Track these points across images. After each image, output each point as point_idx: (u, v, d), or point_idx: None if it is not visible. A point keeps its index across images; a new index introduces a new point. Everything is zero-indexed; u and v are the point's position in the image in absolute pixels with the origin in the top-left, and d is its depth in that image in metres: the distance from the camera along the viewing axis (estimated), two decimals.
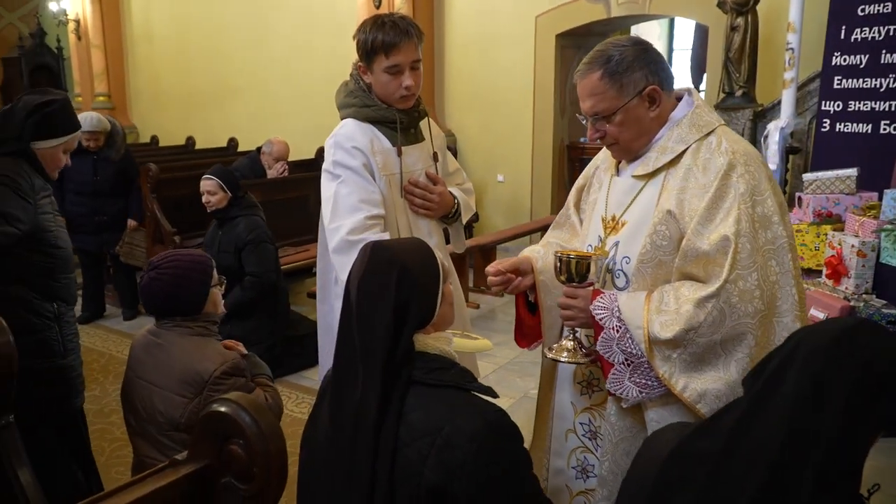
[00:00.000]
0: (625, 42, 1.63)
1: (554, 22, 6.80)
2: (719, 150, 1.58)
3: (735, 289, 1.49)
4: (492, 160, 7.43)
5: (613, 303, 1.59)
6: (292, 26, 8.54)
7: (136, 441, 2.15)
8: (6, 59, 13.30)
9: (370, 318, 1.30)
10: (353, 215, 2.10)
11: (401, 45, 2.09)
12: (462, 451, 1.22)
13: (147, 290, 2.06)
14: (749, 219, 1.51)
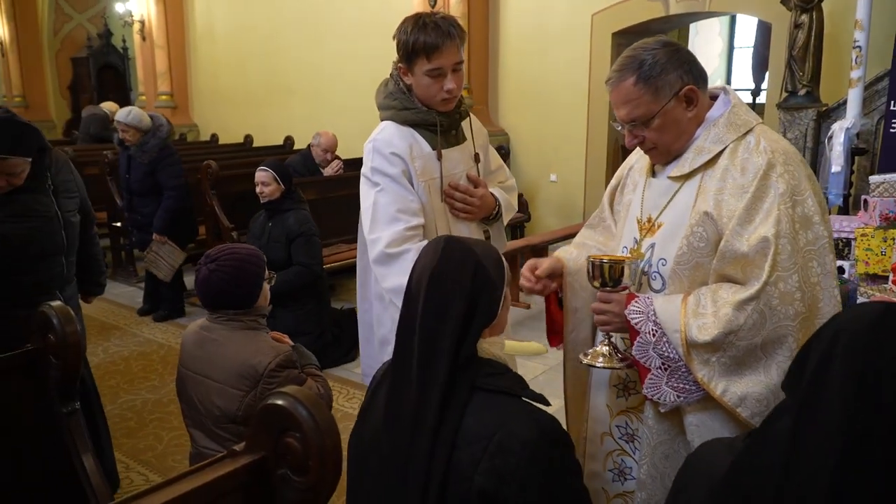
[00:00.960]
0: (654, 45, 1.59)
1: (610, 20, 6.71)
2: (758, 150, 1.55)
3: (776, 291, 1.47)
4: (545, 160, 7.38)
5: (649, 307, 1.57)
6: (347, 26, 8.65)
7: (193, 432, 2.21)
8: (75, 58, 13.86)
9: (440, 311, 1.30)
10: (391, 226, 2.07)
11: (443, 48, 2.02)
12: (514, 458, 1.22)
13: (205, 282, 2.11)
14: (789, 219, 1.49)
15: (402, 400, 1.31)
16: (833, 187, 4.62)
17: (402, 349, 1.35)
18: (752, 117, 1.61)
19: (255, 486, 1.18)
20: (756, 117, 1.63)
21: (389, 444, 1.31)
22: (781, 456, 0.99)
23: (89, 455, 1.75)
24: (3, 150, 2.32)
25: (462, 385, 1.28)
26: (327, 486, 1.11)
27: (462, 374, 1.29)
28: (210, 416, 2.11)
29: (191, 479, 1.18)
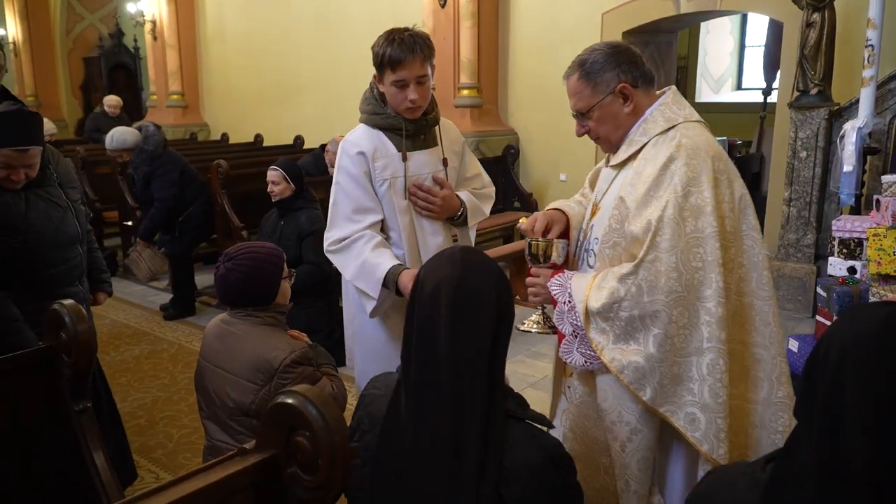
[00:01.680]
0: (599, 46, 1.77)
1: (621, 19, 6.69)
2: (669, 143, 1.69)
3: (653, 268, 1.62)
4: (555, 159, 7.37)
5: (567, 281, 1.76)
6: (357, 26, 8.67)
7: (207, 424, 2.24)
8: (87, 58, 13.96)
9: (472, 325, 1.25)
10: (346, 226, 2.30)
11: (405, 62, 2.20)
12: (521, 486, 1.21)
13: (223, 280, 2.13)
14: (677, 207, 1.62)
15: (433, 426, 1.24)
16: (845, 187, 4.59)
17: (424, 366, 1.27)
18: (681, 115, 1.75)
19: (266, 484, 1.19)
20: (688, 115, 1.76)
21: (422, 477, 1.25)
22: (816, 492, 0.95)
23: (100, 452, 1.77)
24: (25, 140, 2.28)
25: (500, 410, 1.24)
26: (337, 485, 1.11)
27: (498, 397, 1.24)
28: (224, 409, 2.14)
29: (201, 477, 1.19)
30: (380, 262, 2.21)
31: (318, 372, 2.21)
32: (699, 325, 1.62)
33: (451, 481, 1.22)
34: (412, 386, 1.29)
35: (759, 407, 1.71)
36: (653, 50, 7.14)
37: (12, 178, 2.31)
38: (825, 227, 5.02)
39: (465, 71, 7.27)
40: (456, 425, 1.22)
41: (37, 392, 1.80)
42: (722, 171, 1.69)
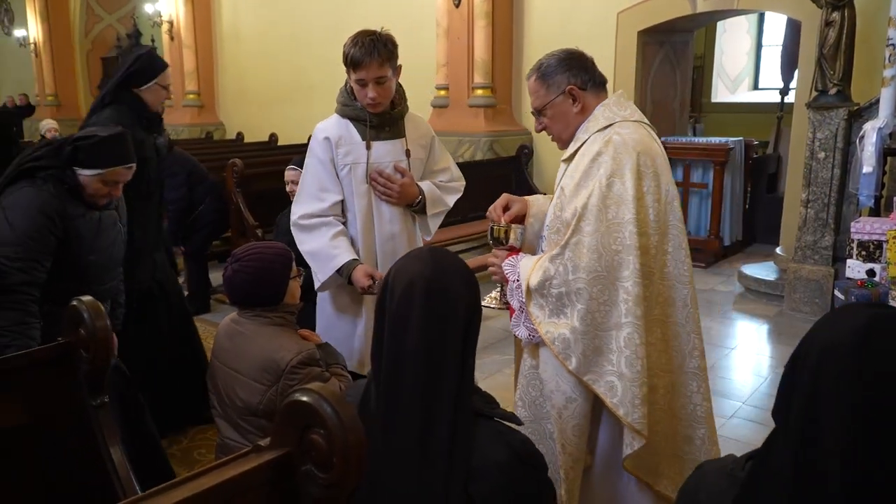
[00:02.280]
0: (555, 52, 2.00)
1: (636, 18, 6.66)
2: (601, 140, 1.88)
3: (576, 250, 1.82)
4: None
5: (518, 262, 1.96)
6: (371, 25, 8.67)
7: (219, 423, 2.25)
8: (105, 58, 14.10)
9: (441, 324, 1.25)
10: (311, 203, 2.54)
11: (364, 64, 2.41)
12: (489, 483, 1.20)
13: (230, 281, 2.14)
14: (601, 196, 1.81)
15: (402, 423, 1.26)
16: (864, 188, 4.54)
17: (394, 363, 1.28)
18: (620, 114, 1.93)
19: (280, 481, 1.19)
20: (626, 115, 1.93)
21: (392, 476, 1.26)
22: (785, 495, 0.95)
23: (117, 447, 1.78)
24: (132, 157, 2.41)
25: (468, 408, 1.24)
26: (351, 483, 1.11)
27: (465, 395, 1.24)
28: (234, 408, 2.15)
29: (216, 474, 1.19)
30: (337, 254, 2.45)
31: (327, 372, 2.21)
32: (618, 303, 1.80)
33: (420, 479, 1.23)
34: (382, 383, 1.29)
35: (671, 376, 1.94)
36: (668, 49, 7.09)
37: (113, 193, 2.42)
38: (843, 229, 4.96)
39: (479, 71, 7.26)
40: (424, 422, 1.23)
41: (55, 387, 1.82)
42: (647, 166, 1.85)
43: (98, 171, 2.33)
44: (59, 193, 2.30)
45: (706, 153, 6.73)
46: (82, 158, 2.31)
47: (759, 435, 3.34)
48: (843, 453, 0.89)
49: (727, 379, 4.10)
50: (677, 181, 6.95)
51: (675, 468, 1.96)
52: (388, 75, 2.47)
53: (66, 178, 2.32)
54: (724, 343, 4.69)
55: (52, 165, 2.31)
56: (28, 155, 2.36)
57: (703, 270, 6.51)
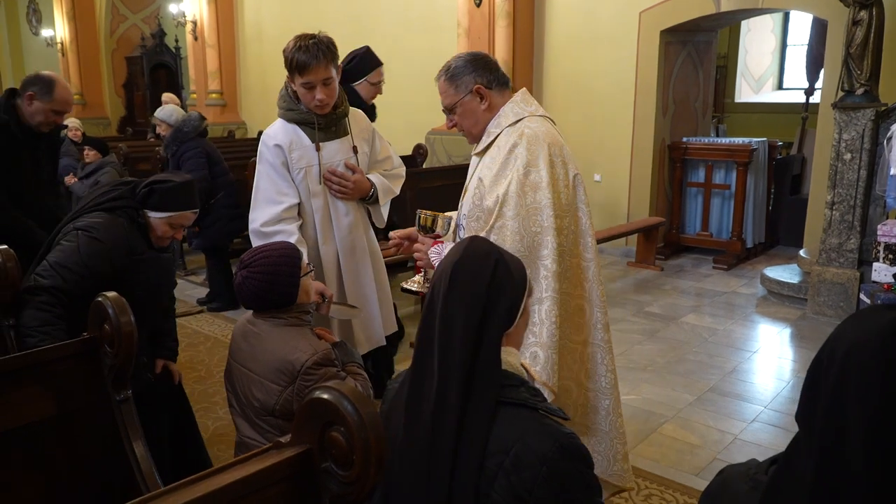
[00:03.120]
0: (461, 55, 2.16)
1: (659, 17, 6.61)
2: (515, 133, 2.05)
3: (500, 233, 1.98)
4: (589, 160, 7.31)
5: (444, 248, 2.06)
6: (392, 25, 8.71)
7: (237, 421, 2.26)
8: (129, 57, 14.27)
9: (459, 304, 1.28)
10: (268, 208, 2.61)
11: (311, 67, 2.48)
12: (532, 474, 1.19)
13: (241, 289, 2.14)
14: (519, 183, 1.98)
15: (421, 398, 1.28)
16: (891, 190, 4.47)
17: (423, 340, 1.32)
18: (527, 110, 2.12)
19: (300, 478, 1.20)
20: (533, 111, 2.12)
21: (409, 460, 1.28)
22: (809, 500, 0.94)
23: (139, 442, 1.81)
24: (196, 203, 2.50)
25: (486, 398, 1.25)
26: (371, 481, 1.12)
27: (485, 383, 1.25)
28: (251, 408, 2.16)
29: (237, 469, 1.21)
30: None
31: (343, 371, 2.21)
32: (539, 279, 1.98)
33: (427, 470, 1.24)
34: (413, 359, 1.34)
35: (580, 347, 2.14)
36: (691, 49, 7.03)
37: (175, 236, 2.51)
38: (870, 232, 4.89)
39: None
40: (437, 408, 1.25)
41: (80, 381, 1.85)
42: (557, 155, 2.05)
43: (168, 214, 2.42)
44: (130, 229, 2.39)
45: (729, 154, 6.66)
46: (155, 201, 2.41)
47: (781, 439, 3.30)
48: (868, 457, 0.87)
49: (748, 383, 4.06)
50: (699, 182, 6.91)
51: (583, 438, 2.14)
52: (333, 76, 2.55)
53: (138, 217, 2.41)
54: (745, 346, 4.65)
55: (127, 205, 2.40)
56: (104, 193, 2.44)
57: (724, 273, 6.44)
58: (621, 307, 5.42)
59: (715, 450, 3.27)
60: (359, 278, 2.81)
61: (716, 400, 3.81)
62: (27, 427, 1.77)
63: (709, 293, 5.85)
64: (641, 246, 6.67)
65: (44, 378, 1.80)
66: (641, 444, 3.31)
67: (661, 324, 5.06)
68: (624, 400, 3.80)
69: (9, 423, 1.74)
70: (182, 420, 2.82)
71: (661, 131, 6.90)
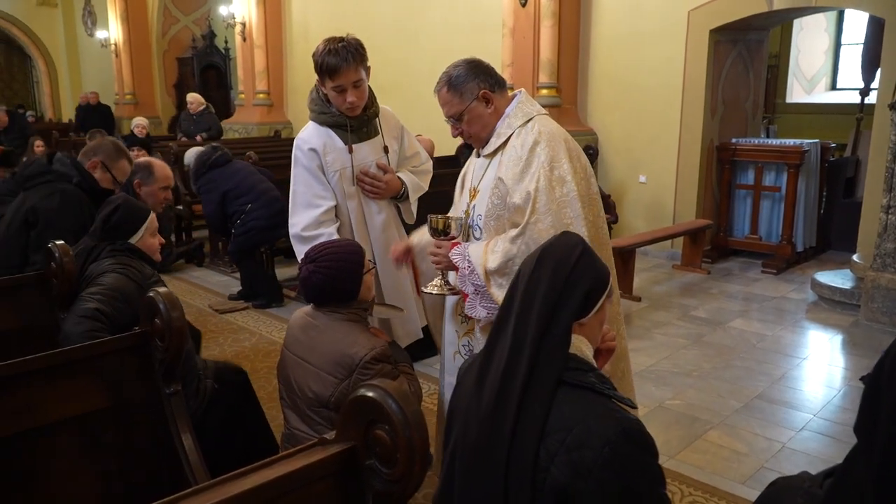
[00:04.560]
0: (459, 63, 2.21)
1: (709, 16, 6.48)
2: (532, 132, 2.13)
3: (535, 228, 2.04)
4: (634, 160, 7.22)
5: (465, 249, 2.15)
6: (438, 25, 8.73)
7: (287, 413, 2.30)
8: (180, 58, 14.61)
9: (541, 281, 1.34)
10: (307, 212, 2.66)
11: (341, 70, 2.52)
12: (593, 453, 1.19)
13: (306, 282, 2.19)
14: (547, 179, 2.06)
15: (489, 379, 1.34)
16: None
17: (498, 324, 1.38)
18: (534, 110, 2.21)
19: (345, 474, 1.22)
20: (538, 110, 2.21)
21: (474, 427, 1.33)
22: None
23: (188, 434, 1.85)
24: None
25: (548, 376, 1.28)
26: (414, 479, 1.13)
27: (550, 360, 1.29)
28: (304, 399, 2.20)
29: (283, 464, 1.23)
30: None
31: (396, 369, 2.24)
32: None
33: (490, 441, 1.28)
34: (489, 334, 1.41)
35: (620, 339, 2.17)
36: (741, 48, 6.88)
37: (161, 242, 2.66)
38: None
39: (545, 70, 7.21)
40: (503, 382, 1.30)
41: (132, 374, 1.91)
42: (573, 150, 2.15)
43: (143, 229, 2.53)
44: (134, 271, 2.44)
45: (779, 155, 6.50)
46: (125, 229, 2.51)
47: (831, 449, 3.21)
48: None
49: (797, 390, 3.95)
50: (748, 184, 6.75)
51: None
52: (363, 77, 2.61)
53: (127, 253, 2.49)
54: (795, 353, 4.52)
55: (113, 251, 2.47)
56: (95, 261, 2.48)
57: (773, 277, 6.29)
58: (666, 310, 5.33)
59: (762, 458, 3.19)
60: (395, 275, 2.84)
61: (763, 407, 3.72)
62: (82, 417, 1.83)
63: (757, 298, 5.71)
64: (687, 248, 6.55)
65: (97, 370, 1.86)
66: (686, 449, 3.25)
67: (707, 328, 4.96)
68: (668, 404, 3.74)
69: (65, 412, 1.80)
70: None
71: (709, 132, 6.76)
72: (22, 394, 1.74)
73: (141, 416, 1.91)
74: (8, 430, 1.71)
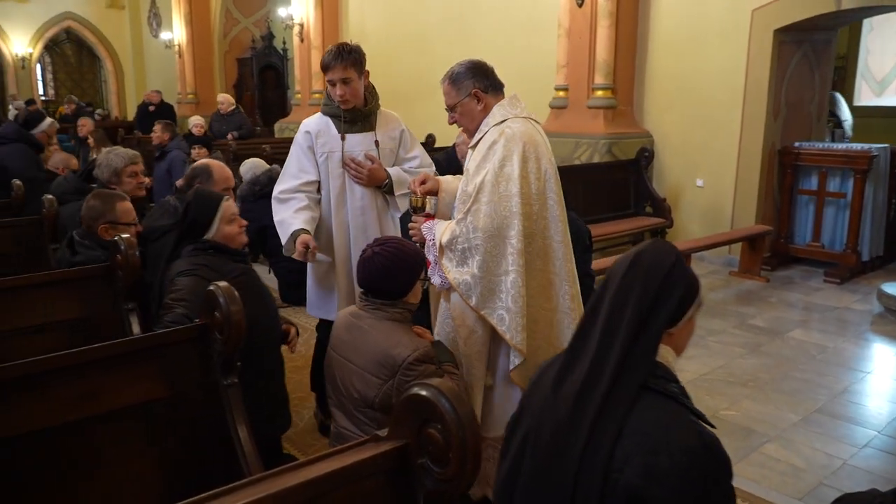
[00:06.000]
0: (463, 62, 2.55)
1: (773, 16, 6.29)
2: (497, 132, 2.41)
3: (476, 215, 2.35)
4: (691, 163, 7.06)
5: (434, 226, 2.48)
6: (493, 25, 8.72)
7: (334, 412, 2.33)
8: (240, 59, 14.97)
9: (635, 285, 1.32)
10: (290, 181, 3.09)
11: (331, 66, 2.96)
12: (671, 461, 1.18)
13: (366, 262, 2.24)
14: (494, 174, 2.35)
15: (570, 380, 1.33)
16: None
17: (584, 327, 1.37)
18: (512, 112, 2.46)
19: (396, 472, 1.22)
20: (517, 113, 2.46)
21: (550, 428, 1.32)
22: None
23: (244, 426, 1.89)
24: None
25: (633, 381, 1.27)
26: (466, 479, 1.13)
27: (637, 365, 1.28)
28: (350, 399, 2.22)
29: (336, 459, 1.24)
30: (293, 223, 2.95)
31: (440, 369, 2.24)
32: (506, 255, 2.35)
33: (566, 442, 1.27)
34: (573, 336, 1.40)
35: (550, 314, 2.49)
36: (807, 49, 6.65)
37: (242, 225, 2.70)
38: None
39: (601, 71, 7.12)
40: (584, 385, 1.29)
41: (192, 365, 1.96)
42: (531, 152, 2.39)
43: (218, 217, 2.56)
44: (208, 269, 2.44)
45: (846, 160, 6.25)
46: (203, 221, 2.54)
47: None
48: None
49: (860, 405, 3.80)
50: (811, 189, 6.53)
51: None
52: (353, 77, 2.99)
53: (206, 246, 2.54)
54: (858, 366, 4.35)
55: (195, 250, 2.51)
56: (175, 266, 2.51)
57: (836, 287, 6.06)
58: (721, 318, 5.20)
59: (821, 474, 3.08)
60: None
61: (824, 421, 3.59)
62: (144, 405, 1.89)
63: (818, 308, 5.51)
64: (746, 255, 6.37)
65: (159, 360, 1.92)
66: (741, 462, 3.16)
67: (765, 338, 4.81)
68: (722, 415, 3.65)
69: (128, 399, 1.86)
70: None
71: (771, 135, 6.56)
72: (88, 381, 1.81)
73: (199, 406, 1.96)
74: (75, 415, 1.78)
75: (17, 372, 1.73)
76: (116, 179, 3.44)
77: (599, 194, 6.85)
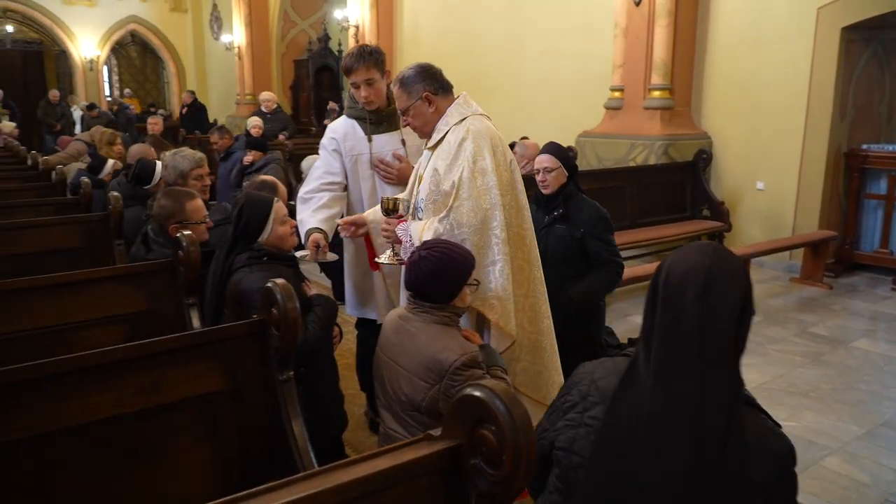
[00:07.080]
0: (412, 66, 2.61)
1: (840, 14, 6.07)
2: (462, 130, 2.49)
3: (458, 211, 2.43)
4: (752, 166, 6.87)
5: (409, 227, 2.56)
6: (547, 27, 8.65)
7: (383, 413, 2.34)
8: (297, 60, 15.24)
9: (724, 300, 1.29)
10: (314, 182, 3.12)
11: (354, 69, 2.98)
12: (765, 472, 1.23)
13: (415, 265, 2.23)
14: (470, 170, 2.43)
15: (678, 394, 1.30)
16: None
17: (664, 342, 1.32)
18: (469, 111, 2.56)
19: (449, 472, 1.22)
20: (473, 111, 2.56)
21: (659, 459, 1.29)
22: None
23: (298, 420, 1.93)
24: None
25: (741, 398, 1.30)
26: (519, 481, 1.12)
27: (738, 385, 1.30)
28: (398, 402, 2.22)
29: (389, 457, 1.25)
30: (310, 223, 2.98)
31: (488, 374, 2.22)
32: (491, 245, 2.44)
33: (691, 467, 1.26)
34: (654, 358, 1.33)
35: (521, 299, 2.57)
36: (877, 47, 6.39)
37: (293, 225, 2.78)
38: None
39: (658, 72, 6.99)
40: (696, 408, 1.27)
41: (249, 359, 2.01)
42: (497, 146, 2.50)
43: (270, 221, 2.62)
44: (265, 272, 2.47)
45: None
46: (254, 226, 2.59)
47: None
48: None
49: None
50: (880, 194, 6.29)
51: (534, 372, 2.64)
52: (376, 78, 3.00)
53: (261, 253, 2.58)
54: None
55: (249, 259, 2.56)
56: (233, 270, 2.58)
57: None
58: (781, 326, 5.04)
59: (887, 490, 2.96)
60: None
61: (890, 436, 3.44)
62: (202, 397, 1.94)
63: (886, 317, 5.29)
64: (808, 261, 6.16)
65: (217, 354, 1.97)
66: (801, 475, 3.01)
67: (827, 347, 4.65)
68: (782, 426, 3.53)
69: (187, 392, 1.92)
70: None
71: (837, 138, 6.33)
72: (150, 373, 1.87)
73: (255, 400, 2.00)
74: (137, 406, 1.84)
75: (85, 363, 1.80)
76: (182, 182, 3.54)
77: (654, 196, 6.72)
